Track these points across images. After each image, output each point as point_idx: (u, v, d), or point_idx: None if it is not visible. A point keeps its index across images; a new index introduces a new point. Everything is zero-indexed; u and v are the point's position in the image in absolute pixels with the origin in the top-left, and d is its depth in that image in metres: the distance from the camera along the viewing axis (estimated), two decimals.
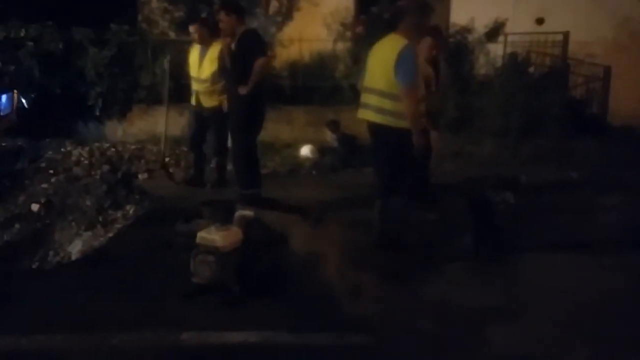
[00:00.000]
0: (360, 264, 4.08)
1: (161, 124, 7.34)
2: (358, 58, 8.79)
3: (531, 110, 8.09)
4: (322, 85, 8.97)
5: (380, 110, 4.22)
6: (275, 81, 9.08)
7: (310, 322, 3.31)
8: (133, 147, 8.13)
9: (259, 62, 4.96)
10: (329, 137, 8.04)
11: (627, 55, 9.08)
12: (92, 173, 6.76)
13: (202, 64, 5.91)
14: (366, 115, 4.35)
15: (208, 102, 5.95)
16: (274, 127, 8.36)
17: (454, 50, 8.45)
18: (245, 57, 4.98)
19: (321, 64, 9.23)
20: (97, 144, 8.22)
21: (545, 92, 8.29)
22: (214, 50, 5.81)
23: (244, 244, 3.58)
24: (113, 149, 8.04)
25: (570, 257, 4.40)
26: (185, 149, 7.38)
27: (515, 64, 8.68)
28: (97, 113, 8.75)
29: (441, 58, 5.44)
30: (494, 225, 4.55)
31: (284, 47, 9.68)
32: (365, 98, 4.35)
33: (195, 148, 6.29)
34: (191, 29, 6.04)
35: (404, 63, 4.07)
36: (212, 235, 3.47)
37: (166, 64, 6.55)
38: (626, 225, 5.19)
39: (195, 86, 6.04)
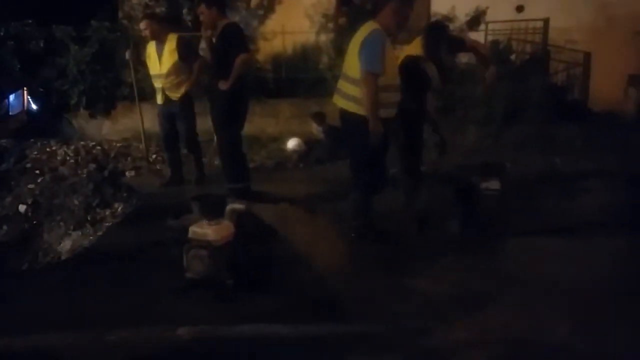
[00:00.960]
0: (350, 254, 4.13)
1: (146, 120, 7.31)
2: (341, 49, 8.81)
3: (513, 98, 8.17)
4: (306, 78, 8.98)
5: (347, 97, 4.23)
6: (259, 74, 9.09)
7: (304, 314, 3.36)
8: (119, 144, 8.10)
9: (241, 58, 4.96)
10: (315, 129, 8.05)
11: (606, 41, 9.16)
12: (79, 172, 6.71)
13: (161, 59, 5.86)
14: (337, 100, 4.37)
15: (175, 95, 5.89)
16: (259, 121, 8.40)
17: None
18: (226, 51, 4.98)
19: (304, 56, 9.23)
20: (82, 143, 8.17)
21: (527, 79, 8.37)
22: (171, 42, 5.80)
23: (236, 238, 3.62)
24: (99, 147, 8.00)
25: (553, 242, 4.49)
26: None
27: (496, 52, 8.73)
28: (80, 110, 8.71)
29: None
30: (480, 212, 4.64)
31: (267, 40, 9.67)
32: (339, 84, 4.37)
33: (170, 148, 6.22)
34: (141, 25, 5.97)
35: (366, 48, 4.04)
36: (204, 230, 3.50)
37: (128, 56, 6.45)
38: (608, 209, 5.30)
39: (158, 83, 5.98)
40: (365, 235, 4.38)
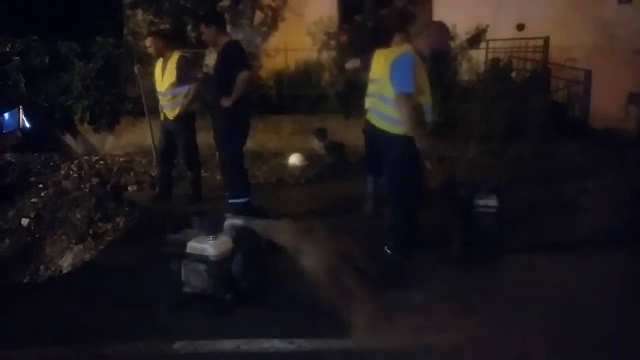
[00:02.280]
0: (349, 271, 4.14)
1: (149, 135, 7.38)
2: (343, 66, 8.90)
3: (514, 115, 8.22)
4: (308, 94, 9.07)
5: (379, 114, 4.34)
6: (262, 91, 9.19)
7: (302, 329, 3.37)
8: (122, 159, 8.17)
9: (242, 76, 5.01)
10: (316, 145, 8.13)
11: (607, 59, 9.24)
12: (82, 186, 6.77)
13: (164, 76, 5.93)
14: (370, 118, 4.50)
15: (171, 114, 5.96)
16: (262, 137, 8.48)
17: (437, 56, 8.57)
18: (228, 68, 5.04)
19: (307, 73, 9.33)
20: (85, 157, 8.25)
21: (527, 97, 8.43)
22: (173, 60, 5.86)
23: (234, 253, 3.64)
24: (102, 162, 8.07)
25: (552, 259, 4.49)
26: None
27: (497, 69, 8.82)
28: (85, 126, 8.79)
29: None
30: (479, 229, 4.66)
31: (270, 57, 9.79)
32: (370, 102, 4.55)
33: (164, 164, 6.28)
34: (147, 42, 6.04)
35: (398, 69, 4.13)
36: (203, 245, 3.53)
37: (136, 70, 6.46)
38: (608, 227, 5.31)
39: (160, 100, 6.06)
40: (400, 252, 4.45)
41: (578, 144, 8.01)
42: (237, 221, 3.73)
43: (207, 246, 3.52)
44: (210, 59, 5.61)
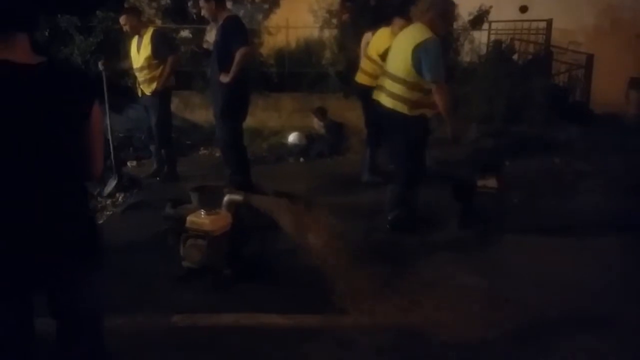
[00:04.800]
0: (348, 247, 4.16)
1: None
2: (344, 45, 8.86)
3: (515, 97, 8.20)
4: (309, 72, 9.02)
5: (394, 96, 4.32)
6: (262, 68, 9.14)
7: (301, 305, 3.39)
8: (122, 135, 8.13)
9: (241, 52, 4.97)
10: (316, 124, 8.10)
11: (609, 43, 9.20)
12: None
13: (139, 52, 5.88)
14: (380, 98, 4.46)
15: (147, 89, 5.94)
16: (262, 115, 8.45)
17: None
18: (227, 44, 5.00)
19: (308, 51, 9.27)
20: None
21: (529, 80, 8.40)
22: (147, 36, 5.81)
23: (233, 228, 3.65)
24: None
25: (549, 240, 4.51)
26: None
27: (499, 51, 8.77)
28: None
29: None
30: (478, 210, 4.68)
31: (271, 35, 9.72)
32: (381, 81, 4.49)
33: (152, 140, 6.28)
34: (121, 20, 5.97)
35: (428, 55, 4.13)
36: (202, 219, 3.54)
37: (101, 66, 6.35)
38: (604, 210, 5.34)
39: (137, 76, 6.02)
40: (401, 226, 4.53)
41: (578, 128, 8.00)
42: (237, 197, 3.74)
43: (206, 221, 3.53)
44: (211, 35, 5.56)
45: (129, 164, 6.89)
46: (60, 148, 1.85)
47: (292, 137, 7.71)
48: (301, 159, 7.38)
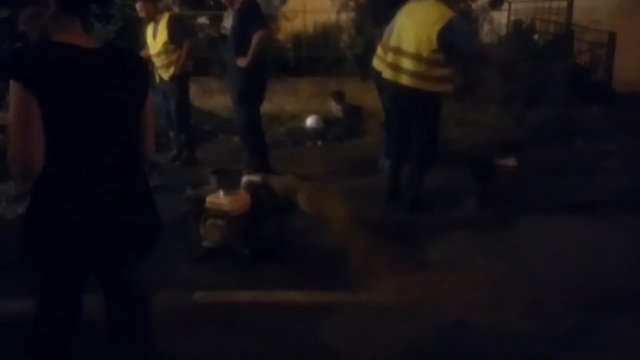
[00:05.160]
0: (364, 227, 4.19)
1: None
2: (361, 28, 8.81)
3: (536, 78, 8.08)
4: (326, 56, 8.99)
5: (414, 75, 4.27)
6: (279, 53, 9.13)
7: (317, 283, 3.42)
8: None
9: (258, 35, 4.99)
10: (334, 107, 8.09)
11: (631, 21, 8.98)
12: None
13: (156, 38, 5.93)
14: (396, 78, 4.39)
15: (165, 74, 5.98)
16: (279, 99, 8.45)
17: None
18: (244, 28, 5.02)
19: (325, 35, 9.23)
20: None
21: (550, 60, 8.27)
22: (163, 22, 5.86)
23: (252, 208, 3.69)
24: None
25: (569, 219, 4.48)
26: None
27: (519, 31, 8.65)
28: None
29: None
30: (498, 189, 4.66)
31: (288, 20, 9.69)
32: (394, 59, 4.39)
33: (170, 126, 6.34)
34: (137, 6, 6.03)
35: (462, 35, 4.14)
36: (221, 200, 3.58)
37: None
38: (628, 189, 5.26)
39: (155, 62, 6.05)
40: (420, 206, 4.54)
41: (600, 108, 7.87)
42: (255, 178, 3.77)
43: (225, 201, 3.57)
44: (228, 21, 5.58)
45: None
46: (127, 128, 1.91)
47: (310, 121, 7.71)
48: (319, 143, 7.39)
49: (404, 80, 4.33)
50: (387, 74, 4.46)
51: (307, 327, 3.01)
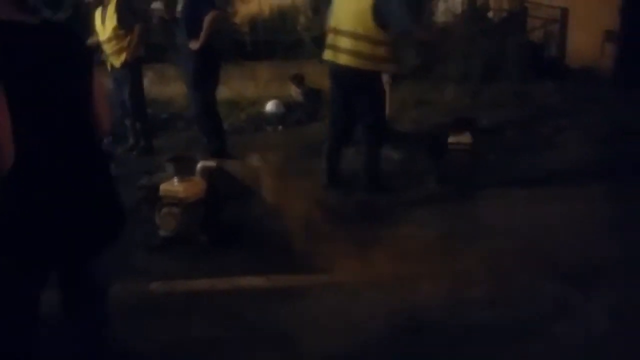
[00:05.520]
0: (325, 208, 4.19)
1: None
2: (318, 9, 8.75)
3: (491, 55, 8.17)
4: (284, 39, 8.91)
5: (353, 54, 4.23)
6: (236, 37, 9.02)
7: (277, 268, 3.41)
8: None
9: (209, 17, 4.91)
10: (294, 91, 8.04)
11: None
12: None
13: (105, 24, 5.79)
14: (336, 58, 4.36)
15: (117, 61, 5.85)
16: (238, 84, 8.34)
17: None
18: (195, 10, 4.94)
19: (282, 18, 9.15)
20: None
21: (504, 37, 8.36)
22: (112, 6, 5.71)
23: (208, 194, 3.65)
24: None
25: (524, 193, 4.56)
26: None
27: (474, 9, 8.71)
28: None
29: None
30: (452, 166, 4.72)
31: (244, 3, 9.57)
32: (335, 40, 4.35)
33: (128, 114, 6.21)
34: None
35: (393, 6, 4.09)
36: (175, 187, 3.53)
37: None
38: (580, 161, 5.39)
39: (105, 49, 5.90)
40: (380, 186, 4.53)
41: (554, 84, 8.01)
42: (210, 163, 3.73)
43: (179, 188, 3.52)
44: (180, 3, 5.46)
45: (104, 139, 6.80)
46: (79, 102, 1.82)
47: (270, 106, 7.64)
48: (279, 127, 7.34)
49: (343, 59, 4.30)
50: (327, 55, 4.43)
51: (267, 311, 3.01)
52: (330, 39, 4.40)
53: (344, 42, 4.26)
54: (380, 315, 2.94)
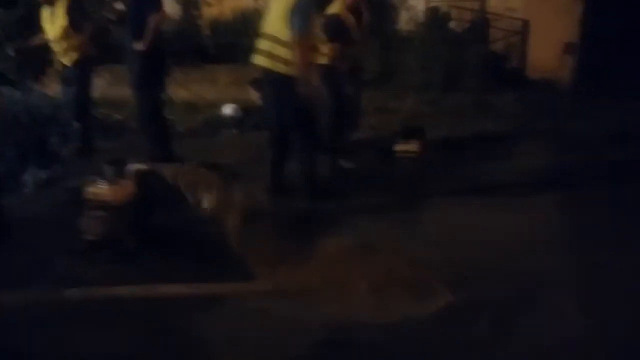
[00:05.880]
0: (264, 215, 4.10)
1: None
2: None
3: (452, 65, 8.19)
4: (246, 43, 8.79)
5: (273, 57, 4.19)
6: (198, 40, 8.92)
7: (205, 274, 3.30)
8: (48, 111, 7.83)
9: (154, 18, 4.81)
10: (254, 95, 7.93)
11: (545, 8, 9.18)
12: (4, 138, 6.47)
13: (54, 22, 5.64)
14: (261, 62, 4.32)
15: (66, 60, 5.69)
16: (197, 88, 8.25)
17: (377, 6, 8.41)
18: (141, 10, 4.83)
19: (244, 21, 9.06)
20: (9, 108, 7.86)
21: (466, 47, 8.39)
22: (60, 5, 5.58)
23: (137, 198, 3.53)
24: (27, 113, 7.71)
25: (471, 202, 4.51)
26: None
27: (436, 18, 8.73)
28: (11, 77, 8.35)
29: (364, 7, 5.41)
30: (401, 173, 4.67)
31: (208, 5, 9.47)
32: (262, 44, 4.31)
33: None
34: None
35: (297, 11, 4.01)
36: (101, 190, 3.40)
37: (11, 52, 6.03)
38: (534, 170, 5.40)
39: (54, 48, 5.75)
40: (317, 194, 4.41)
41: (514, 94, 8.06)
42: (141, 166, 3.61)
43: (105, 191, 3.39)
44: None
45: (53, 140, 6.63)
46: None
47: (227, 109, 7.54)
48: (234, 131, 7.23)
49: (268, 63, 4.26)
50: (257, 60, 4.38)
51: (186, 320, 2.90)
52: (259, 43, 4.36)
53: (270, 46, 4.24)
54: (302, 324, 2.85)
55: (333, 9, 5.20)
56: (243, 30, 8.95)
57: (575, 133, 6.72)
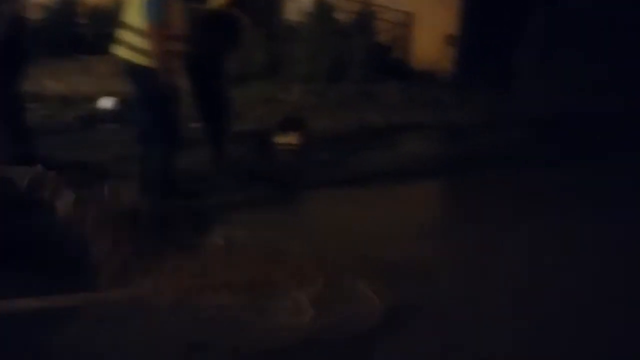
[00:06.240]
0: (131, 218, 3.86)
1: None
2: None
3: (338, 56, 8.24)
4: None
5: (134, 49, 3.97)
6: (75, 29, 8.38)
7: (64, 286, 3.05)
8: None
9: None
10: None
11: (429, 2, 9.47)
12: None
13: None
14: (121, 52, 4.09)
15: None
16: (72, 80, 7.77)
17: None
18: None
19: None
20: None
21: (352, 38, 8.47)
22: None
23: None
24: None
25: (352, 193, 4.55)
26: None
27: (322, 9, 8.73)
28: None
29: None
30: (279, 166, 4.60)
31: None
32: (121, 34, 4.08)
33: None
34: None
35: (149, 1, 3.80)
36: None
37: None
38: (416, 159, 5.53)
39: None
40: (169, 195, 4.20)
41: (398, 84, 8.24)
42: None
43: None
44: None
45: None
46: None
47: (103, 102, 7.14)
48: (113, 125, 6.85)
49: (127, 54, 4.06)
50: (116, 49, 4.18)
51: (38, 335, 2.67)
52: (118, 33, 4.13)
53: (126, 36, 4.04)
54: (165, 333, 2.72)
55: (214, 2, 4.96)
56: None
57: (451, 122, 7.00)
